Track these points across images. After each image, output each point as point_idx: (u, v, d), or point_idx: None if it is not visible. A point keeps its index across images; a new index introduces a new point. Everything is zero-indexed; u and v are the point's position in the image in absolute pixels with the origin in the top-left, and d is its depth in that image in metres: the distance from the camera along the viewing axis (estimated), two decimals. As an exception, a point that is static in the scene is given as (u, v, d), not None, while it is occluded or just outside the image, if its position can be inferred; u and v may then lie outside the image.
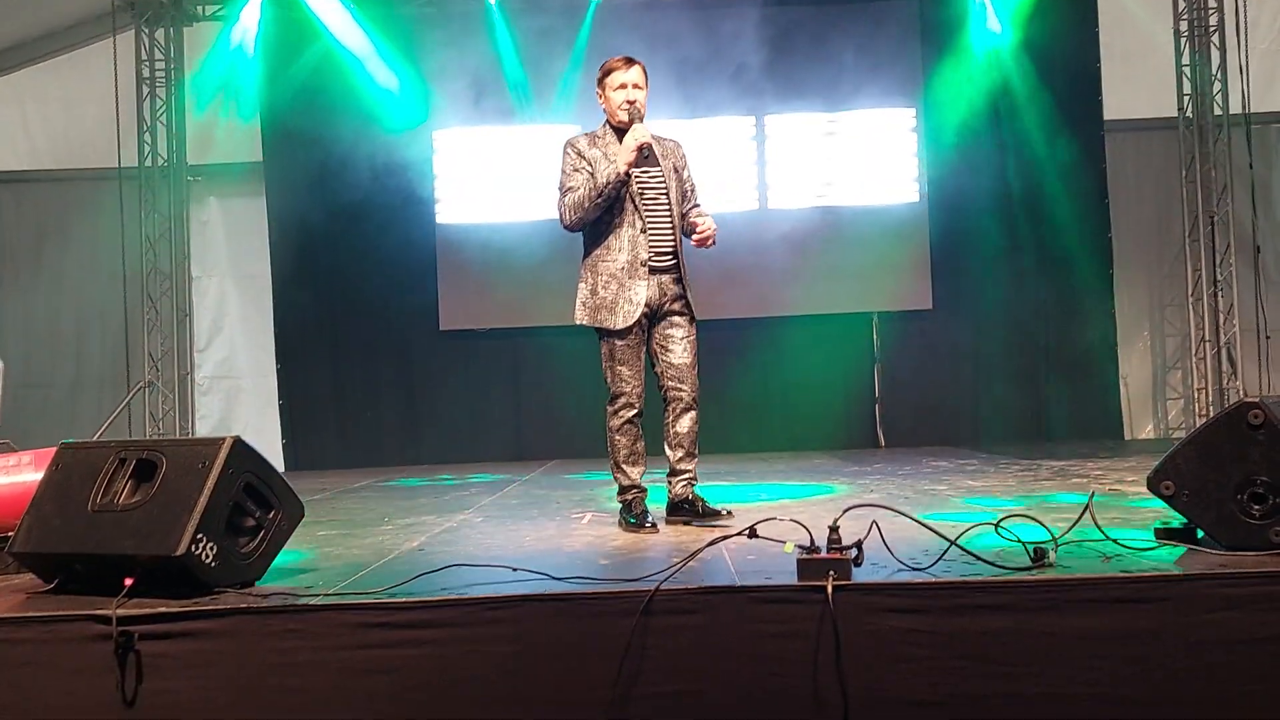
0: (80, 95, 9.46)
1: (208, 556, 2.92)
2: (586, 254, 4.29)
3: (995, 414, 9.03)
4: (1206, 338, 9.10)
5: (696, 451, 4.30)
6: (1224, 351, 8.93)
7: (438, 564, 3.25)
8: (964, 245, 8.94)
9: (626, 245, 4.17)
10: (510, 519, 4.80)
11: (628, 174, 4.12)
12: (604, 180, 4.11)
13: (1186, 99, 9.22)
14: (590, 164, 4.19)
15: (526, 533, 4.28)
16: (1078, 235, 9.07)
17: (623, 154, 4.11)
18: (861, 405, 9.22)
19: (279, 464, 9.14)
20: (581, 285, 4.29)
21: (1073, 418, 9.04)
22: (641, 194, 4.20)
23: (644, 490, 4.28)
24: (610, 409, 4.27)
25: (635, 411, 4.24)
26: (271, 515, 3.15)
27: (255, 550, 3.10)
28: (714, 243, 4.24)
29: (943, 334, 9.10)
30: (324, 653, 2.76)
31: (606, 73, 4.26)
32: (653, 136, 4.17)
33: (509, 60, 8.93)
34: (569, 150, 4.26)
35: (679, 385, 4.24)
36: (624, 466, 4.27)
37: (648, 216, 4.19)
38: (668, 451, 4.29)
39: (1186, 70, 9.20)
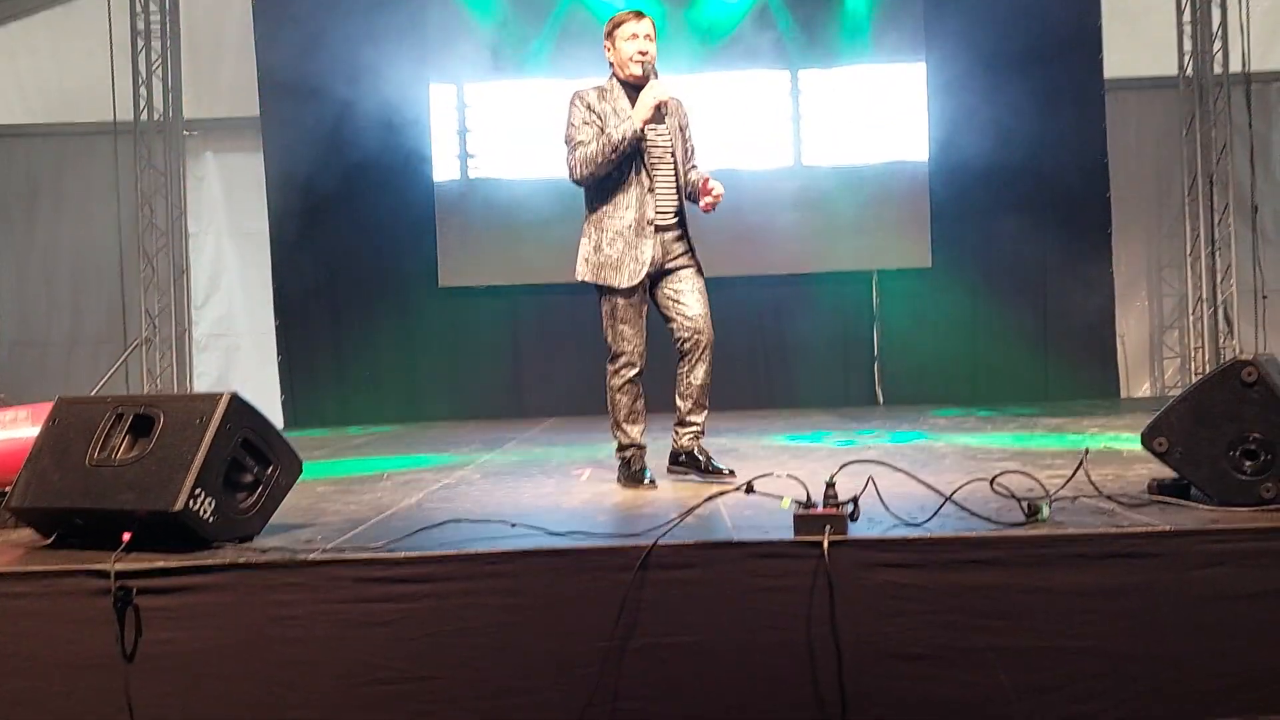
0: (73, 48, 9.34)
1: (205, 511, 2.94)
2: (591, 210, 4.21)
3: (994, 372, 9.05)
4: (1204, 297, 9.10)
5: (707, 404, 4.28)
6: (1221, 311, 8.94)
7: (436, 519, 3.27)
8: (964, 204, 8.88)
9: (634, 203, 4.12)
10: (509, 476, 4.82)
11: (642, 130, 4.05)
12: (619, 136, 4.02)
13: (1187, 57, 9.15)
14: (600, 118, 4.10)
15: (525, 489, 4.30)
16: (1077, 195, 9.04)
17: (641, 109, 4.03)
18: (861, 363, 9.24)
19: (278, 421, 9.16)
20: (585, 241, 4.23)
21: (1071, 376, 9.05)
22: (649, 151, 4.13)
23: (643, 447, 4.28)
24: (611, 368, 4.24)
25: (636, 371, 4.22)
26: (269, 471, 3.16)
27: (253, 506, 3.11)
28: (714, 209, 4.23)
29: (942, 293, 9.08)
30: (322, 606, 2.78)
31: (616, 25, 4.15)
32: None
33: (504, 14, 8.82)
34: (577, 103, 4.16)
35: (697, 334, 4.19)
36: (624, 425, 4.25)
37: (655, 175, 4.14)
38: (678, 402, 4.27)
39: (1187, 29, 9.12)
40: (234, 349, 9.71)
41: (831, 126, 9.01)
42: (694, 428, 4.26)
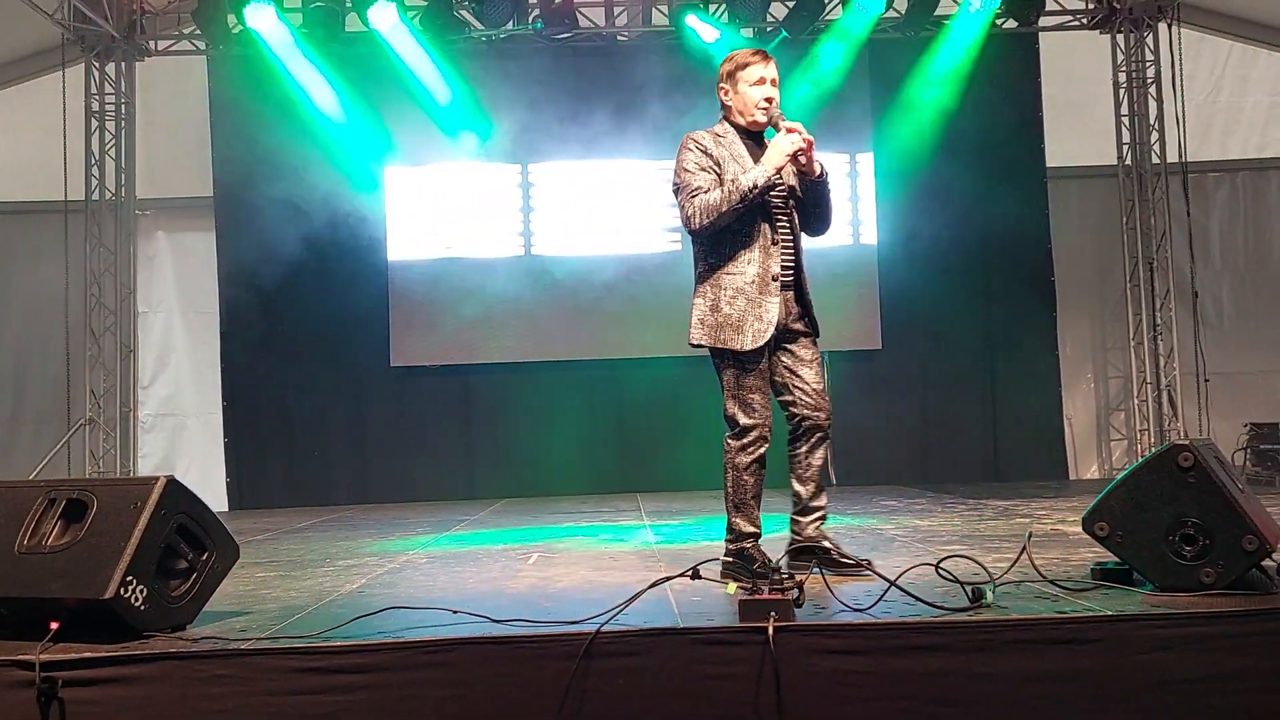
0: (27, 127, 9.32)
1: (137, 600, 2.86)
2: (706, 266, 3.77)
3: (944, 453, 9.13)
4: (1148, 380, 9.28)
5: (825, 486, 3.88)
6: (1165, 394, 9.10)
7: (376, 606, 3.20)
8: (913, 287, 9.03)
9: (758, 257, 3.70)
10: (455, 560, 4.75)
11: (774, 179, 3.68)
12: (749, 184, 3.61)
13: (1126, 148, 9.46)
14: (717, 164, 3.70)
15: (470, 574, 4.24)
16: (1023, 279, 9.25)
17: (776, 156, 3.66)
18: (813, 444, 9.25)
19: (223, 504, 9.01)
20: (699, 301, 3.76)
21: (1019, 457, 9.15)
22: (770, 200, 3.74)
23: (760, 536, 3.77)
24: (738, 444, 3.71)
25: (767, 447, 3.72)
26: (205, 557, 3.09)
27: (187, 593, 3.04)
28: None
29: (893, 374, 9.19)
30: (256, 698, 2.70)
31: (741, 66, 3.76)
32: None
33: (457, 99, 8.94)
34: (691, 147, 3.74)
35: (816, 412, 3.77)
36: (752, 509, 3.71)
37: (777, 226, 3.77)
38: (797, 487, 3.82)
39: (1125, 120, 9.44)
40: (180, 429, 9.54)
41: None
42: (819, 512, 3.81)
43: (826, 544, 3.75)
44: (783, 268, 3.78)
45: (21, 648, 2.78)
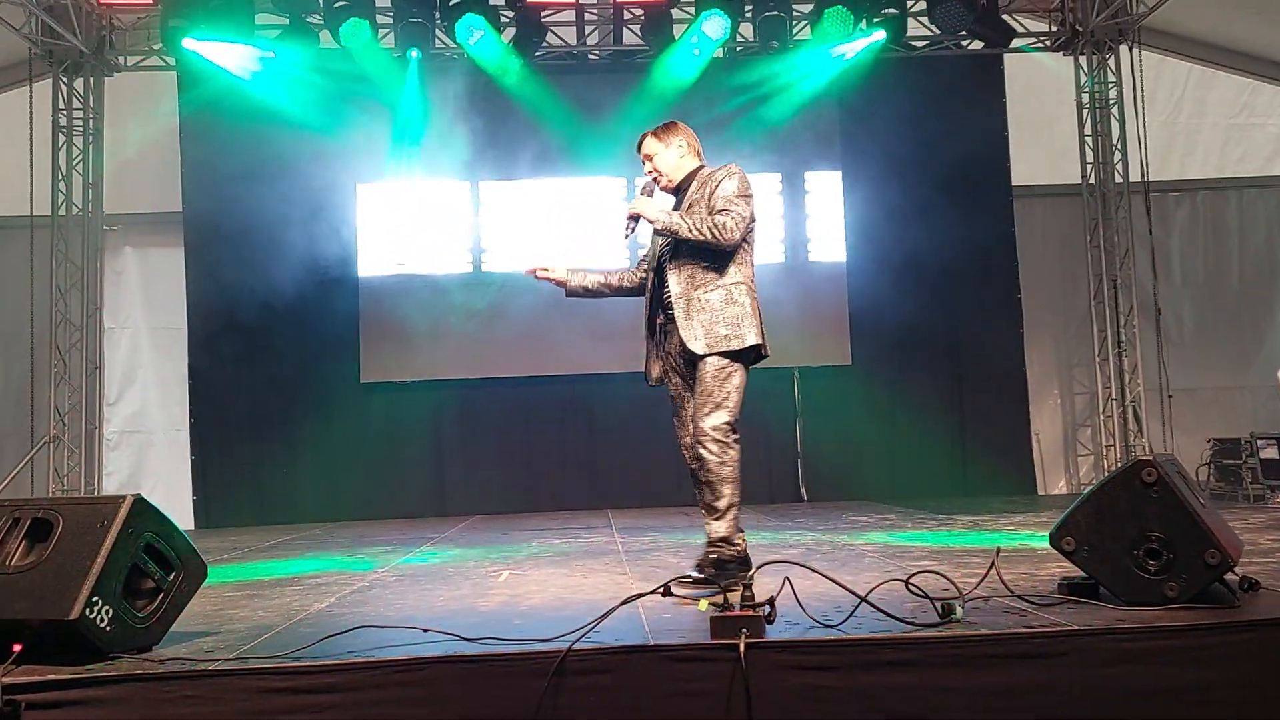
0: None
1: (103, 620, 2.83)
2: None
3: (913, 469, 9.19)
4: (1113, 396, 9.40)
5: None
6: (1130, 410, 9.22)
7: (346, 625, 3.18)
8: (881, 303, 9.10)
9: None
10: (425, 577, 4.72)
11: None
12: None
13: (1089, 167, 9.60)
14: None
15: (440, 592, 4.21)
16: (989, 296, 9.38)
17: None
18: (785, 459, 9.31)
19: (190, 522, 8.91)
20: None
21: (988, 473, 9.23)
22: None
23: None
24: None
25: None
26: (172, 577, 3.06)
27: (154, 614, 3.01)
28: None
29: (862, 390, 9.25)
30: None
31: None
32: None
33: (428, 116, 8.95)
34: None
35: None
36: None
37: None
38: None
39: (1089, 140, 9.59)
40: (146, 446, 9.45)
41: (758, 227, 9.20)
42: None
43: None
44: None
45: (-16, 669, 2.73)
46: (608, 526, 7.08)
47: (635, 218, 4.04)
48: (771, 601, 3.01)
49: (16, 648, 2.76)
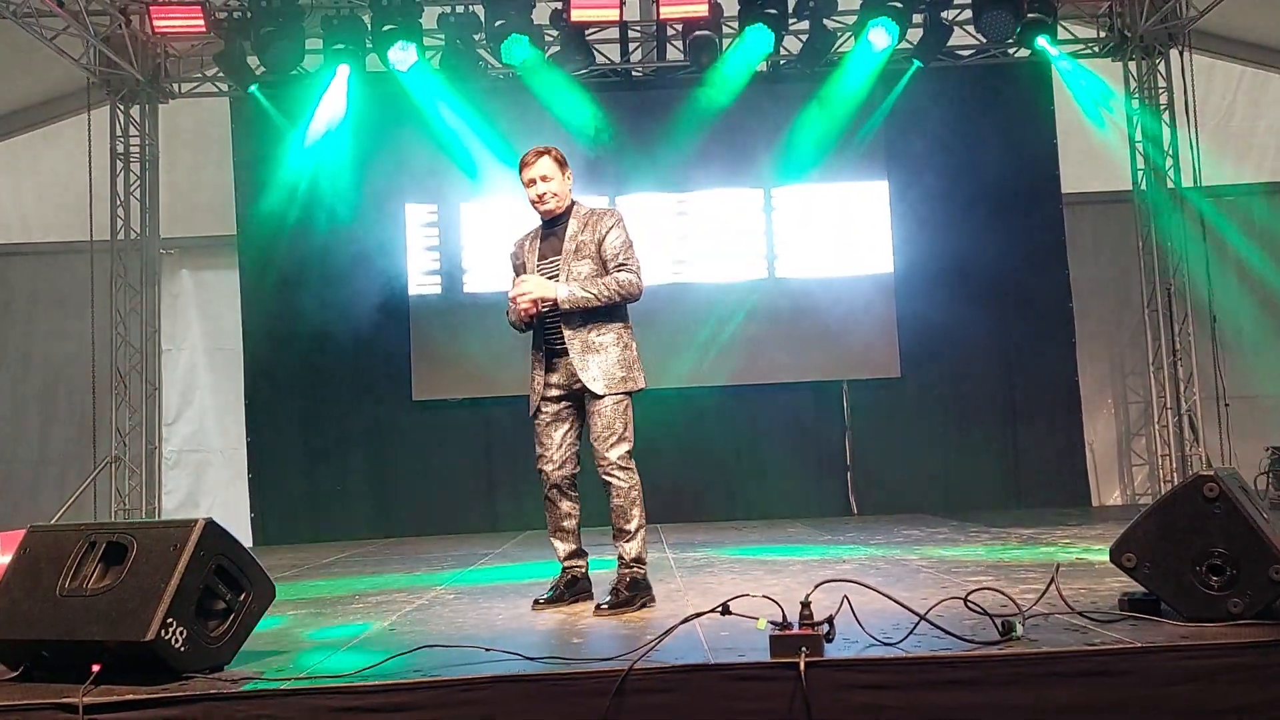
0: (53, 170, 9.51)
1: (177, 641, 2.90)
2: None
3: (965, 481, 9.12)
4: (1168, 405, 9.26)
5: None
6: (1185, 419, 9.08)
7: (410, 644, 3.24)
8: (931, 315, 9.06)
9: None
10: (482, 595, 4.78)
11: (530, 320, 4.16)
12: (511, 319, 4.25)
13: (1140, 173, 9.49)
14: (511, 261, 4.36)
15: (499, 610, 4.26)
16: (1040, 305, 9.28)
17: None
18: (834, 473, 9.27)
19: (246, 538, 9.07)
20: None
21: (1041, 484, 9.14)
22: None
23: None
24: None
25: None
26: (243, 598, 3.14)
27: (225, 634, 3.08)
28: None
29: (912, 402, 9.20)
30: (295, 738, 2.73)
31: (520, 166, 4.21)
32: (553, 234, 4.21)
33: (477, 135, 9.06)
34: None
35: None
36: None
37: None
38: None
39: (1140, 146, 9.48)
40: (204, 465, 9.64)
41: (801, 241, 9.24)
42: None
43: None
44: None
45: (63, 690, 2.82)
46: (659, 542, 7.10)
47: (542, 302, 4.06)
48: (830, 620, 3.01)
49: (95, 668, 2.84)
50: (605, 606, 3.96)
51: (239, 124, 9.37)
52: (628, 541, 4.12)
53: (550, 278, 4.14)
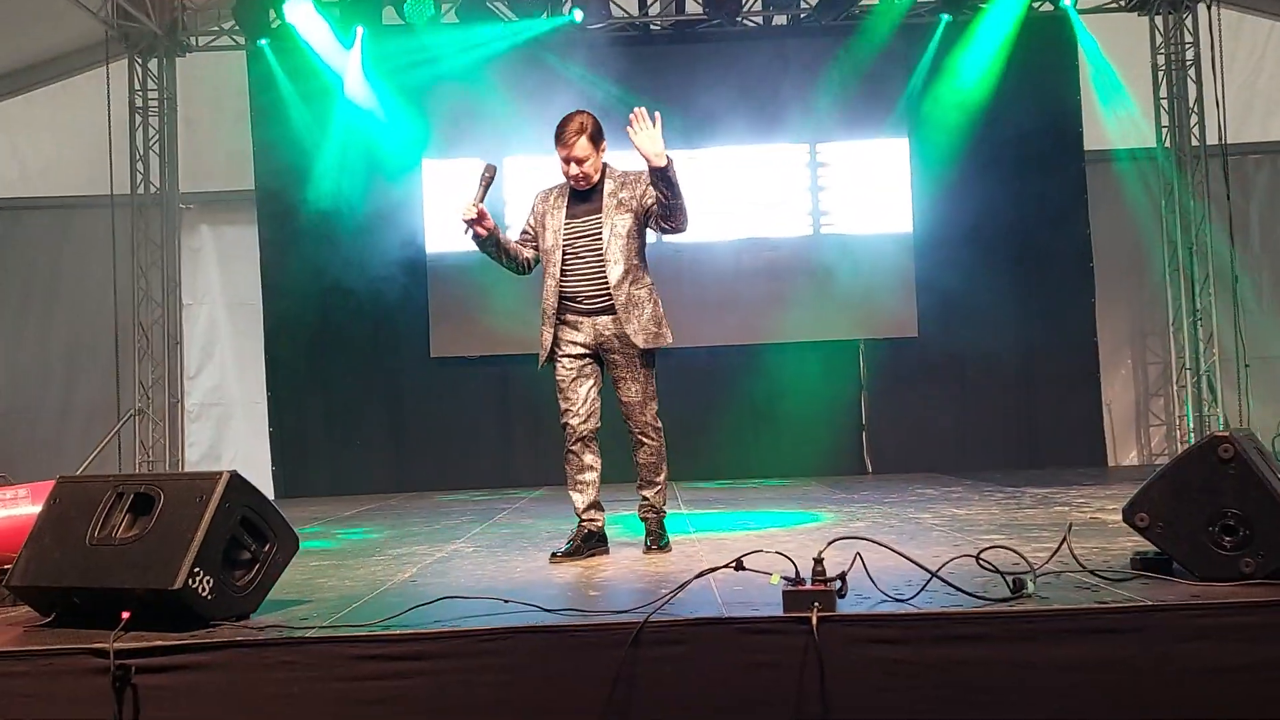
0: (72, 123, 9.52)
1: (204, 590, 2.97)
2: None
3: (980, 441, 9.13)
4: (1187, 366, 9.22)
5: None
6: (1204, 380, 9.05)
7: (430, 595, 3.30)
8: (949, 274, 8.97)
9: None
10: (501, 548, 4.85)
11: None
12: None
13: (1164, 131, 9.38)
14: (531, 211, 4.68)
15: (517, 563, 4.33)
16: (1060, 264, 9.22)
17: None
18: (849, 432, 9.30)
19: (268, 490, 9.18)
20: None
21: (1057, 444, 9.13)
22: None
23: None
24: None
25: None
26: (267, 548, 3.20)
27: (251, 583, 3.15)
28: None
29: (929, 362, 9.18)
30: (319, 684, 2.80)
31: (556, 137, 4.43)
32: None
33: (498, 91, 9.01)
34: None
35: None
36: None
37: None
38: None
39: (1164, 103, 9.37)
40: (226, 419, 9.75)
41: (821, 200, 9.19)
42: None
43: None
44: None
45: (95, 636, 2.89)
46: (674, 499, 7.16)
47: (655, 155, 4.14)
48: (843, 576, 3.05)
49: (125, 615, 2.92)
50: (657, 547, 4.40)
51: (256, 78, 9.35)
52: (656, 493, 4.47)
53: (586, 234, 4.33)
